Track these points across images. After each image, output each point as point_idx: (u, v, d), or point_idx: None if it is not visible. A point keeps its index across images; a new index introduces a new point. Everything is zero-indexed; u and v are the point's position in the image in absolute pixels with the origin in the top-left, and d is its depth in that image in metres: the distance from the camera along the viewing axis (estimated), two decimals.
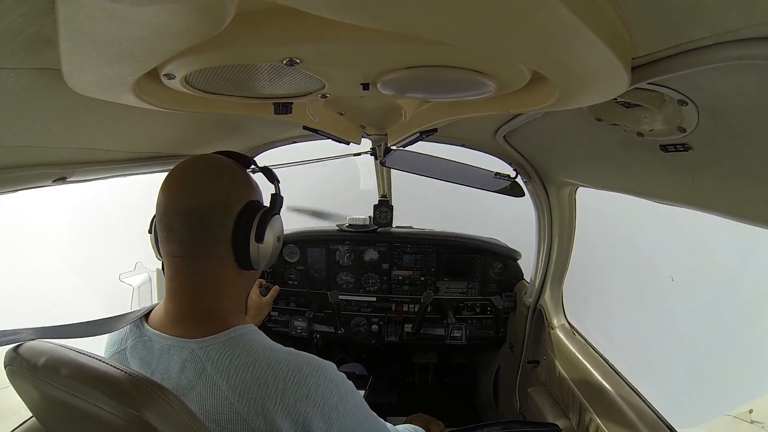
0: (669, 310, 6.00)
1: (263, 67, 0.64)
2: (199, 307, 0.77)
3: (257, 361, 0.71)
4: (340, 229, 2.49)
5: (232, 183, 0.78)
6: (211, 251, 0.76)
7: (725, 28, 0.45)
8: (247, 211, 0.77)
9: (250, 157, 0.87)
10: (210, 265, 0.77)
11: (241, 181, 0.80)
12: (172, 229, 0.75)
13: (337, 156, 2.34)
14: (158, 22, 0.41)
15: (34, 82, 0.59)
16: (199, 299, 0.77)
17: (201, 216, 0.74)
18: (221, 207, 0.75)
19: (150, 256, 0.87)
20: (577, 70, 0.55)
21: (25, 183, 0.90)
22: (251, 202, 0.79)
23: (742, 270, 6.21)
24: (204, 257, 0.76)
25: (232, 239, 0.76)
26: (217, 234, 0.75)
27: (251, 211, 0.78)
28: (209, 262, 0.76)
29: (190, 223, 0.74)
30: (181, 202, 0.75)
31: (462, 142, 1.82)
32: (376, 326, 2.43)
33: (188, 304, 0.77)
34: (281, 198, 0.85)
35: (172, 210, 0.75)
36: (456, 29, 0.42)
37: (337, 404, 0.73)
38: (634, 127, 0.86)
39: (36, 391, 0.68)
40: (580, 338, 1.82)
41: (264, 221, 0.78)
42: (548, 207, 1.79)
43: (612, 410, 1.39)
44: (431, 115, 1.13)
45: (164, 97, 0.76)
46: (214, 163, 0.79)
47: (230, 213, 0.76)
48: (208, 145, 1.52)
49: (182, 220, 0.74)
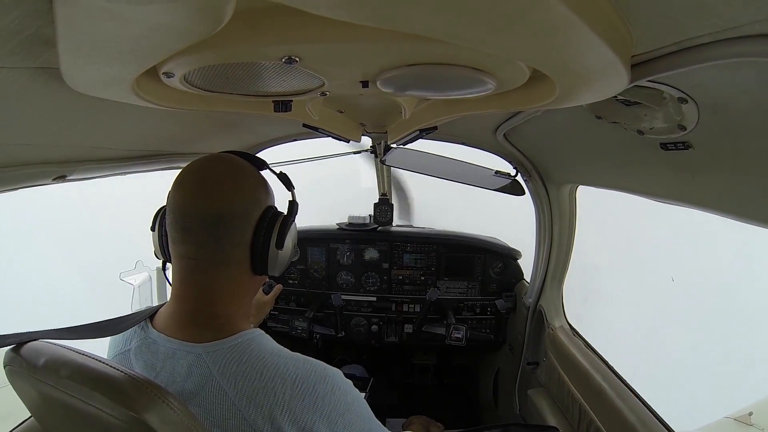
0: (668, 309, 6.01)
1: (262, 65, 0.64)
2: (208, 310, 0.76)
3: (265, 368, 0.71)
4: (341, 227, 2.49)
5: (253, 188, 0.79)
6: (228, 256, 0.76)
7: (725, 26, 0.44)
8: (267, 217, 0.78)
9: (265, 161, 0.86)
10: (224, 269, 0.76)
11: (261, 186, 0.81)
12: (187, 231, 0.74)
13: (337, 154, 2.34)
14: (157, 21, 0.41)
15: (33, 81, 0.59)
16: (208, 303, 0.76)
17: (223, 220, 0.73)
18: (243, 212, 0.76)
19: (150, 255, 0.87)
20: (577, 68, 0.55)
21: (25, 181, 0.90)
22: (269, 208, 0.79)
23: (743, 269, 6.21)
24: (220, 261, 0.76)
25: (252, 245, 0.77)
26: (236, 239, 0.75)
27: (271, 217, 0.78)
28: (224, 265, 0.76)
29: (210, 226, 0.73)
30: (200, 204, 0.73)
31: (462, 140, 1.81)
32: (376, 327, 2.43)
33: (197, 307, 0.77)
34: (297, 204, 0.86)
35: (189, 211, 0.73)
36: (455, 27, 0.42)
37: (343, 413, 0.73)
38: (635, 125, 0.86)
39: (35, 392, 0.68)
40: (580, 340, 1.82)
41: (284, 228, 0.79)
42: (548, 206, 1.79)
43: (612, 412, 1.39)
44: (431, 113, 1.13)
45: (164, 95, 0.76)
46: (234, 166, 0.78)
47: (251, 218, 0.76)
48: (208, 143, 1.52)
49: (201, 223, 0.73)
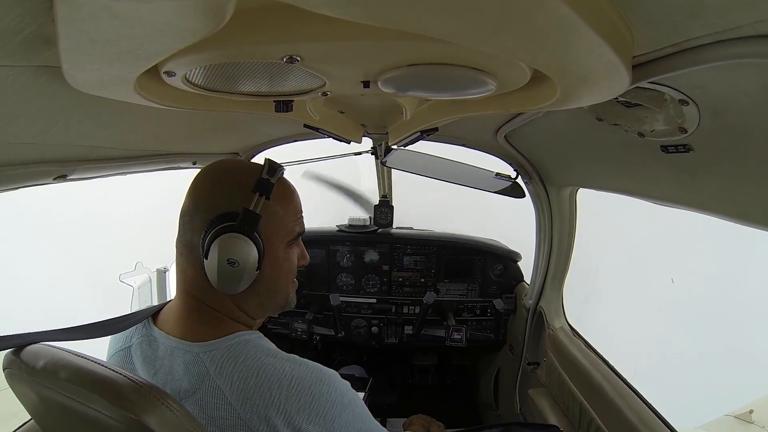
0: (669, 309, 6.00)
1: (264, 64, 0.64)
2: (204, 309, 0.78)
3: (261, 368, 0.71)
4: (340, 229, 2.48)
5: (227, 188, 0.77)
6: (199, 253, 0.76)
7: (725, 26, 0.44)
8: (216, 221, 0.73)
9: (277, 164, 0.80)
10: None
11: (236, 188, 0.76)
12: (179, 228, 0.79)
13: (338, 155, 2.34)
14: (158, 20, 0.41)
15: (34, 79, 0.59)
16: (206, 302, 0.78)
17: (187, 216, 0.77)
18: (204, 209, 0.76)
19: (150, 256, 0.88)
20: (578, 69, 0.55)
21: (26, 180, 0.90)
22: (228, 214, 0.73)
23: (743, 269, 6.20)
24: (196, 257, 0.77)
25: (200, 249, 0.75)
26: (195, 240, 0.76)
27: (217, 219, 0.73)
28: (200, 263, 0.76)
29: (182, 220, 0.78)
30: (184, 201, 0.79)
31: (463, 141, 1.82)
32: (376, 328, 2.42)
33: (195, 306, 0.78)
34: (255, 215, 0.74)
35: (183, 209, 0.79)
36: (457, 27, 0.42)
37: (339, 414, 0.73)
38: (635, 127, 0.86)
39: (34, 394, 0.68)
40: (580, 340, 1.82)
41: (215, 237, 0.72)
42: (548, 208, 1.79)
43: (612, 411, 1.38)
44: (432, 114, 1.13)
45: (165, 94, 0.76)
46: (220, 167, 0.82)
47: (207, 218, 0.75)
48: (209, 142, 1.52)
49: (180, 218, 0.79)
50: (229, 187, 0.77)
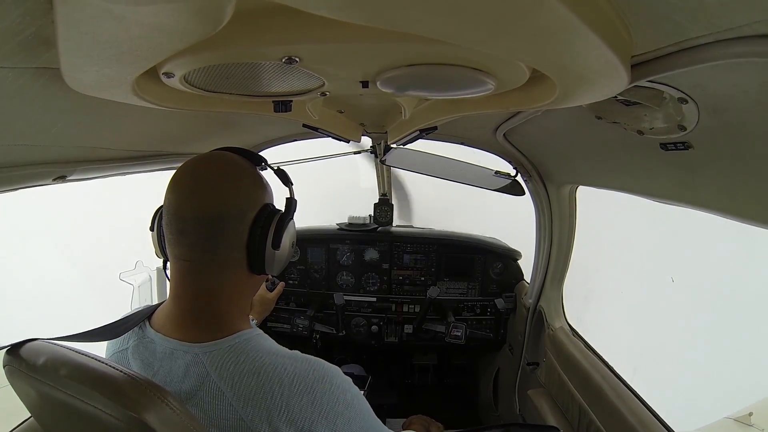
0: (669, 309, 6.00)
1: (262, 65, 0.64)
2: (205, 311, 0.76)
3: (262, 368, 0.70)
4: (341, 228, 2.49)
5: (248, 187, 0.76)
6: (224, 257, 0.74)
7: (724, 26, 0.44)
8: (263, 217, 0.76)
9: (262, 157, 0.83)
10: (221, 271, 0.75)
11: (257, 184, 0.78)
12: (183, 233, 0.72)
13: (338, 154, 2.34)
14: (157, 22, 0.41)
15: (33, 81, 0.59)
16: (206, 303, 0.76)
17: (218, 222, 0.72)
18: (238, 213, 0.74)
19: (150, 255, 0.87)
20: (577, 68, 0.55)
21: (25, 181, 0.90)
22: (266, 206, 0.77)
23: (743, 269, 6.20)
24: (216, 263, 0.74)
25: (248, 246, 0.75)
26: (231, 240, 0.74)
27: (267, 216, 0.76)
28: (221, 267, 0.75)
29: (204, 228, 0.71)
30: (194, 206, 0.71)
31: (462, 140, 1.81)
32: (376, 327, 2.43)
33: (194, 307, 0.76)
34: (296, 202, 0.84)
35: (183, 213, 0.72)
36: (455, 28, 0.42)
37: (343, 411, 0.73)
38: (635, 125, 0.86)
39: (34, 392, 0.67)
40: (580, 341, 1.82)
41: (280, 227, 0.78)
42: (548, 206, 1.79)
43: (611, 413, 1.39)
44: (431, 113, 1.13)
45: (164, 95, 0.76)
46: (228, 164, 0.76)
47: (246, 218, 0.74)
48: (208, 143, 1.52)
49: (195, 224, 0.71)
50: (252, 182, 0.78)
